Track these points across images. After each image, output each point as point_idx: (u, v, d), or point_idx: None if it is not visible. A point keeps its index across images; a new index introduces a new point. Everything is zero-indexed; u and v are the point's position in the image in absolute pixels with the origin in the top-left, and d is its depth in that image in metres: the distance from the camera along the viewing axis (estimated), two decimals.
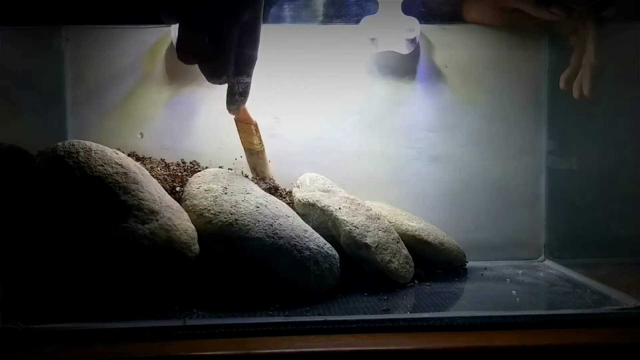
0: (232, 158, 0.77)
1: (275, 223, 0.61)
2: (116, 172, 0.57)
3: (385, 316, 0.56)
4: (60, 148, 0.57)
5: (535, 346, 0.51)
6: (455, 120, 0.80)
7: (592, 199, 0.72)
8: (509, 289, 0.67)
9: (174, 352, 0.49)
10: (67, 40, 0.75)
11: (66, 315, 0.54)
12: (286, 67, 0.77)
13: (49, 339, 0.51)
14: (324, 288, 0.62)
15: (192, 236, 0.60)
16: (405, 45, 0.76)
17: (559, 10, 0.68)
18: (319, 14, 0.77)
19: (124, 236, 0.55)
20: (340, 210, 0.67)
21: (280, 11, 0.76)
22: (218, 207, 0.62)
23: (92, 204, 0.56)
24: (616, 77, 0.67)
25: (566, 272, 0.75)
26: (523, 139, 0.81)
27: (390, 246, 0.67)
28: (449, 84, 0.80)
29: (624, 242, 0.66)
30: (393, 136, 0.80)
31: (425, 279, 0.70)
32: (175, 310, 0.57)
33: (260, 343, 0.51)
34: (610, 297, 0.63)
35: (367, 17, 0.75)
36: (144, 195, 0.58)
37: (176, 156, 0.76)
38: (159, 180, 0.66)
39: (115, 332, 0.52)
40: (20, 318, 0.53)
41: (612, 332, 0.54)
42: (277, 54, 0.76)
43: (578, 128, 0.75)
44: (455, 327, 0.54)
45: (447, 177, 0.80)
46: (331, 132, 0.79)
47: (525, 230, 0.81)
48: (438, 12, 0.78)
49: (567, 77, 0.72)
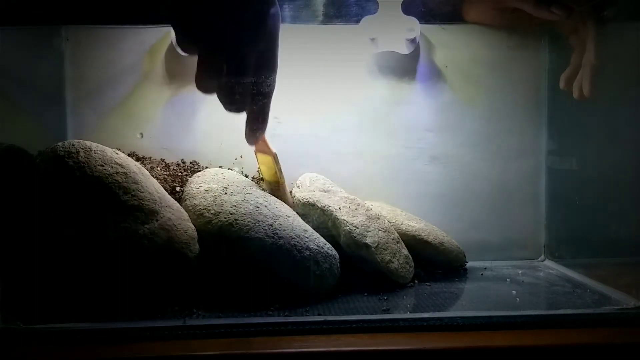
0: (232, 158, 0.77)
1: (275, 223, 0.61)
2: (116, 172, 0.57)
3: (385, 316, 0.57)
4: (60, 148, 0.57)
5: (535, 346, 0.51)
6: (455, 120, 0.80)
7: (592, 199, 0.72)
8: (509, 289, 0.67)
9: (174, 352, 0.49)
10: (67, 40, 0.75)
11: (66, 315, 0.54)
12: (286, 67, 0.77)
13: (49, 339, 0.51)
14: (324, 288, 0.62)
15: (192, 236, 0.60)
16: (405, 45, 0.76)
17: (559, 10, 0.68)
18: (319, 14, 0.76)
19: (124, 236, 0.55)
20: (340, 210, 0.67)
21: (280, 11, 0.75)
22: (218, 207, 0.62)
23: (92, 204, 0.56)
24: (616, 77, 0.67)
25: (566, 272, 0.75)
26: (523, 139, 0.81)
27: (390, 246, 0.67)
28: (449, 84, 0.80)
29: (624, 242, 0.66)
30: (393, 136, 0.80)
31: (425, 279, 0.70)
32: (175, 310, 0.57)
33: (260, 343, 0.51)
34: (610, 297, 0.63)
35: (367, 17, 0.75)
36: (144, 195, 0.58)
37: (176, 156, 0.76)
38: (159, 180, 0.66)
39: (115, 332, 0.52)
40: (20, 318, 0.53)
41: (612, 332, 0.54)
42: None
43: (578, 128, 0.75)
44: (455, 327, 0.54)
45: (447, 177, 0.80)
46: (331, 132, 0.79)
47: (525, 230, 0.81)
48: (438, 12, 0.78)
49: (567, 77, 0.72)
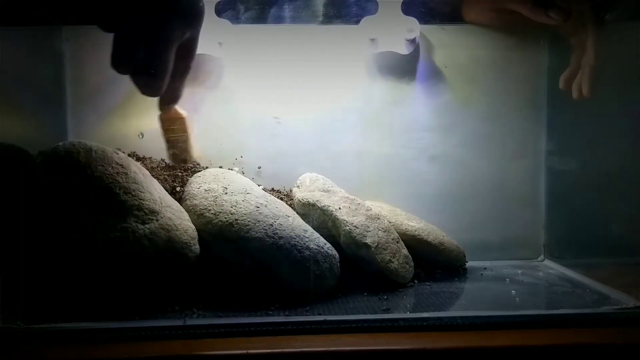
0: (232, 158, 0.77)
1: (275, 223, 0.61)
2: (116, 172, 0.57)
3: (385, 316, 0.57)
4: (60, 148, 0.57)
5: (535, 346, 0.51)
6: (455, 120, 0.80)
7: (592, 199, 0.72)
8: (508, 289, 0.67)
9: (174, 352, 0.49)
10: (67, 40, 0.75)
11: (66, 315, 0.54)
12: (286, 67, 0.77)
13: (49, 339, 0.51)
14: (324, 288, 0.62)
15: (193, 236, 0.60)
16: (405, 46, 0.77)
17: (556, 15, 0.68)
18: (319, 15, 0.77)
19: (124, 236, 0.55)
20: (340, 210, 0.67)
21: (281, 11, 0.76)
22: (218, 207, 0.62)
23: (92, 204, 0.56)
24: (616, 78, 0.67)
25: (566, 272, 0.75)
26: (523, 139, 0.81)
27: (390, 246, 0.67)
28: (449, 84, 0.80)
29: (624, 242, 0.66)
30: (393, 136, 0.80)
31: (425, 278, 0.70)
32: (176, 310, 0.57)
33: (260, 343, 0.51)
34: (610, 297, 0.63)
35: (367, 17, 0.75)
36: (144, 195, 0.58)
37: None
38: (159, 180, 0.66)
39: (115, 331, 0.52)
40: (20, 318, 0.53)
41: (612, 332, 0.54)
42: (277, 54, 0.76)
43: (578, 128, 0.75)
44: (455, 327, 0.54)
45: (447, 177, 0.80)
46: (331, 132, 0.79)
47: (525, 230, 0.81)
48: (438, 12, 0.78)
49: (566, 77, 0.72)
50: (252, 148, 0.77)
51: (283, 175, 0.76)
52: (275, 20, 0.75)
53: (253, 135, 0.77)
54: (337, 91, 0.79)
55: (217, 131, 0.77)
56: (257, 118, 0.77)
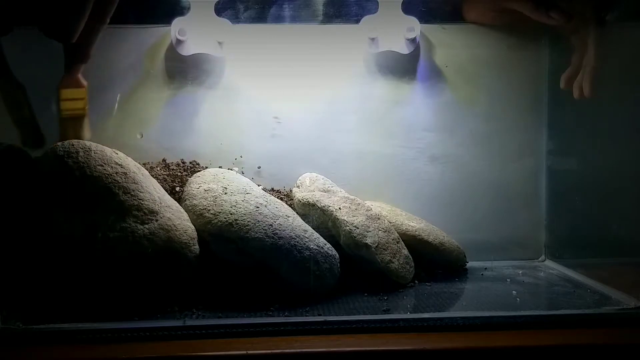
0: (232, 158, 0.77)
1: (275, 223, 0.61)
2: (116, 172, 0.57)
3: (385, 316, 0.56)
4: (60, 148, 0.57)
5: (535, 346, 0.51)
6: (455, 120, 0.80)
7: (593, 199, 0.72)
8: (509, 289, 0.67)
9: (174, 352, 0.49)
10: None
11: (66, 315, 0.54)
12: (286, 67, 0.77)
13: (49, 339, 0.51)
14: (324, 288, 0.62)
15: (192, 236, 0.60)
16: (405, 45, 0.76)
17: (557, 16, 0.68)
18: (319, 14, 0.76)
19: (123, 236, 0.55)
20: (340, 210, 0.67)
21: (281, 11, 0.76)
22: (218, 207, 0.62)
23: (92, 204, 0.56)
24: (617, 77, 0.67)
25: (567, 272, 0.75)
26: (523, 139, 0.81)
27: (391, 246, 0.67)
28: (450, 83, 0.80)
29: (624, 242, 0.66)
30: (393, 136, 0.80)
31: (426, 279, 0.70)
32: (175, 310, 0.57)
33: (260, 343, 0.51)
34: (611, 297, 0.63)
35: (367, 16, 0.75)
36: (143, 195, 0.58)
37: (176, 156, 0.76)
38: (158, 180, 0.66)
39: (115, 332, 0.52)
40: (20, 318, 0.53)
41: (612, 332, 0.54)
42: (277, 54, 0.76)
43: (578, 128, 0.75)
44: (455, 327, 0.54)
45: (447, 177, 0.80)
46: (331, 132, 0.79)
47: (525, 230, 0.81)
48: (438, 12, 0.78)
49: (567, 77, 0.72)
50: (252, 148, 0.77)
51: (283, 175, 0.76)
52: (275, 20, 0.75)
53: (253, 135, 0.77)
54: (337, 91, 0.78)
55: (217, 131, 0.77)
56: (257, 118, 0.77)
